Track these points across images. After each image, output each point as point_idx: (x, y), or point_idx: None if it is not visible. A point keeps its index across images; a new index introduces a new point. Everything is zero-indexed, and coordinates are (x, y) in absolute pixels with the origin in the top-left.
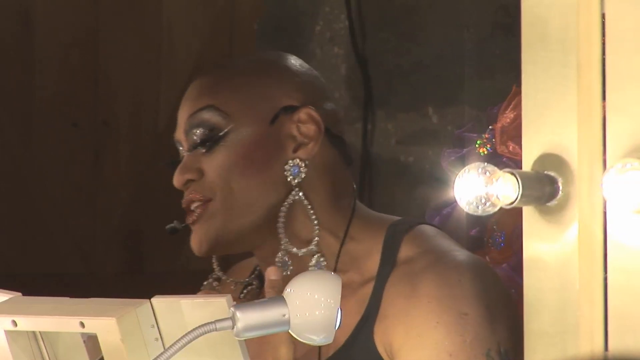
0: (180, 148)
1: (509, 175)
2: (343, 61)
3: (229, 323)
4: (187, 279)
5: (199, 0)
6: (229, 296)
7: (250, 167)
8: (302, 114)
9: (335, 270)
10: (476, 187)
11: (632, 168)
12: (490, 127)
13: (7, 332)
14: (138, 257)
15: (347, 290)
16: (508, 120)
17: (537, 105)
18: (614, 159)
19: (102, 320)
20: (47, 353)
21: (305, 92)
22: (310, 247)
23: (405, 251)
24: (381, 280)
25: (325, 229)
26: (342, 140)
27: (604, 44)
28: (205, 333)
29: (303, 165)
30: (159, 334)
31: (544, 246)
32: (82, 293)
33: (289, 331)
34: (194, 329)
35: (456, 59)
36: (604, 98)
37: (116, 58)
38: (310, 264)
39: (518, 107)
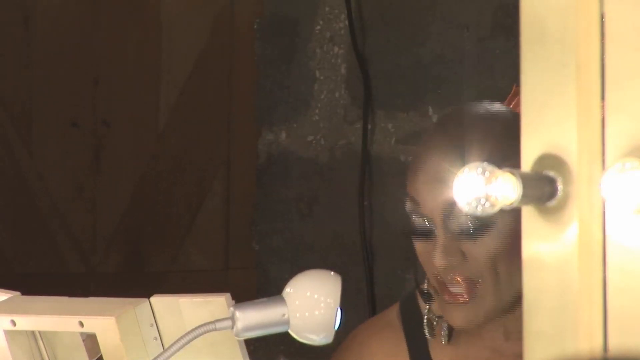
0: (428, 224)
1: (508, 175)
2: (343, 61)
3: (228, 323)
4: (186, 279)
5: (199, 0)
6: (228, 295)
7: (515, 249)
8: None
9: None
10: (475, 187)
11: (632, 168)
12: None
13: (6, 332)
14: (138, 257)
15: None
16: None
17: (536, 105)
18: (613, 159)
19: (101, 320)
20: (46, 352)
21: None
22: None
23: None
24: None
25: None
26: None
27: (603, 43)
28: (205, 333)
29: None
30: (158, 333)
31: (543, 246)
32: (82, 292)
33: (289, 331)
34: (193, 329)
35: (456, 59)
36: (603, 98)
37: (116, 58)
38: None
39: (518, 107)
